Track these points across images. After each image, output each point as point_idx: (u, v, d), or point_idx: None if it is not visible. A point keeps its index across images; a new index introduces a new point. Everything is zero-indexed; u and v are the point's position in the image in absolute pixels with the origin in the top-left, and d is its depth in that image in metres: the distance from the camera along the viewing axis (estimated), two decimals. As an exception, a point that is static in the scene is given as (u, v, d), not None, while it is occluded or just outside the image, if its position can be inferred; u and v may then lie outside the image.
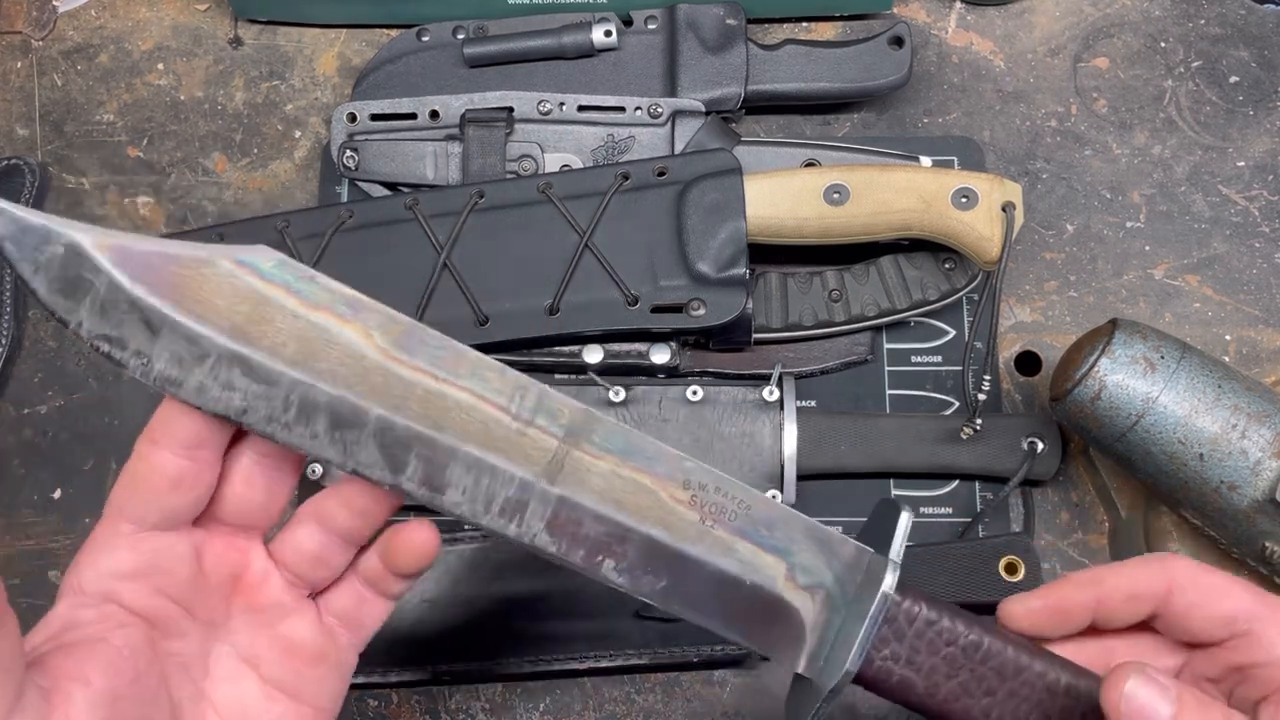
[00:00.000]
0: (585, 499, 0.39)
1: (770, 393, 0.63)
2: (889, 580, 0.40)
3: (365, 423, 0.38)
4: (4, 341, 0.67)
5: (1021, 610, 0.43)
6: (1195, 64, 0.72)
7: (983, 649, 0.40)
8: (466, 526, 0.63)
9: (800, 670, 0.41)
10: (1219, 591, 0.41)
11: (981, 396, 0.60)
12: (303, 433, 0.38)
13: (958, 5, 0.74)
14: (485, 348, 0.64)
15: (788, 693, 0.44)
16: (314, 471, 0.63)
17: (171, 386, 0.38)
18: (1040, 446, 0.62)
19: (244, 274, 0.38)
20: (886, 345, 0.67)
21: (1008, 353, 0.67)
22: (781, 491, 0.62)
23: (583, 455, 0.39)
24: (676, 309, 0.62)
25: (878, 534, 0.43)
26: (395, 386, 0.38)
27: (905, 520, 0.41)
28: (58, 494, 0.65)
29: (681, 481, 0.40)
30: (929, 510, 0.64)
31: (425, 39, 0.71)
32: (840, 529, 0.64)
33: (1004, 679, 0.40)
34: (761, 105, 0.70)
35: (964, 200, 0.61)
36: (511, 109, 0.68)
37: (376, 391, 0.38)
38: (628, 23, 0.70)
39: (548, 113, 0.68)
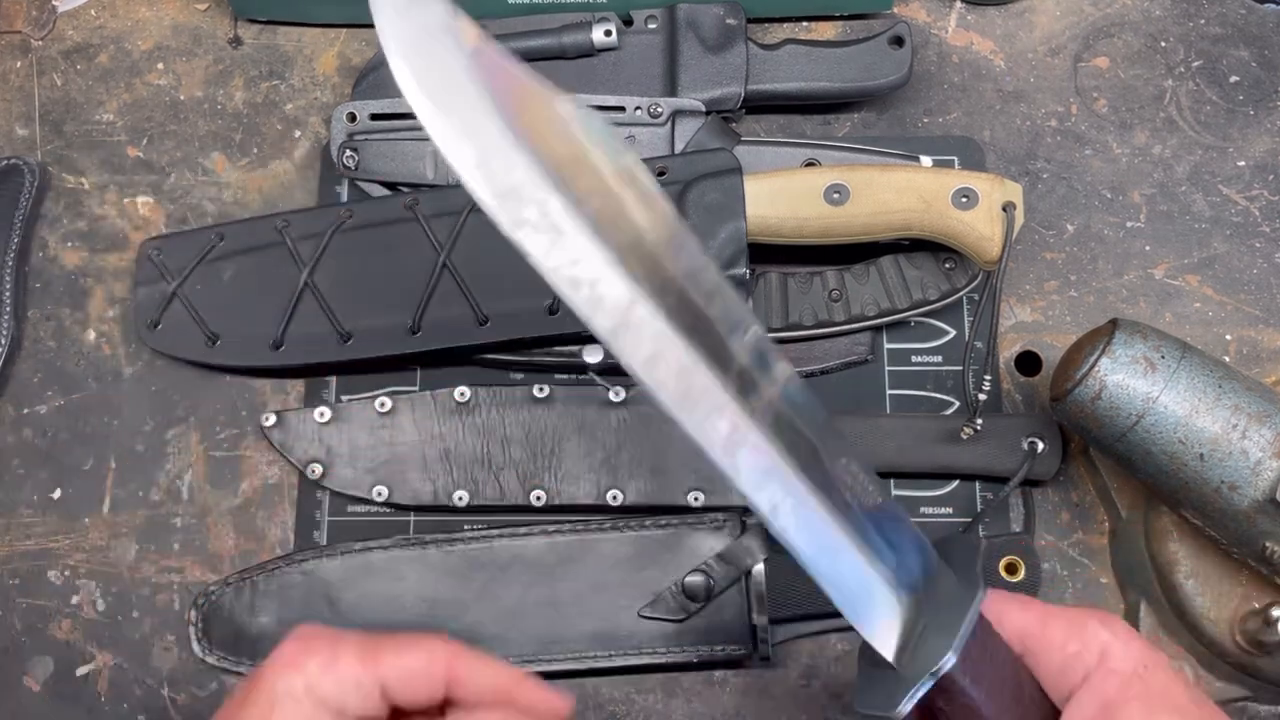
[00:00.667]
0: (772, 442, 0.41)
1: (770, 393, 0.63)
2: (980, 594, 0.43)
3: (632, 297, 0.39)
4: (4, 341, 0.67)
5: None
6: (1195, 64, 0.72)
7: (1028, 691, 0.44)
8: (467, 527, 0.63)
9: (891, 658, 0.43)
10: (1004, 612, 0.45)
11: (982, 396, 0.60)
12: (573, 291, 0.38)
13: (958, 5, 0.74)
14: (485, 347, 0.64)
15: (858, 687, 0.46)
16: (314, 471, 0.63)
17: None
18: (1040, 446, 0.62)
19: (575, 122, 0.39)
20: (886, 345, 0.67)
21: (1008, 353, 0.67)
22: (782, 491, 0.62)
23: (774, 394, 0.42)
24: (676, 309, 0.62)
25: (953, 558, 0.46)
26: (658, 275, 0.39)
27: (983, 546, 0.46)
28: (57, 494, 0.65)
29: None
30: (929, 510, 0.64)
31: (425, 39, 0.70)
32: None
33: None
34: (761, 105, 0.70)
35: (964, 200, 0.60)
36: (511, 109, 0.68)
37: (645, 272, 0.39)
38: (628, 23, 0.70)
39: (548, 112, 0.68)
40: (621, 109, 0.68)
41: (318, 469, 0.63)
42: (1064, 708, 0.43)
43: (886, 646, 0.43)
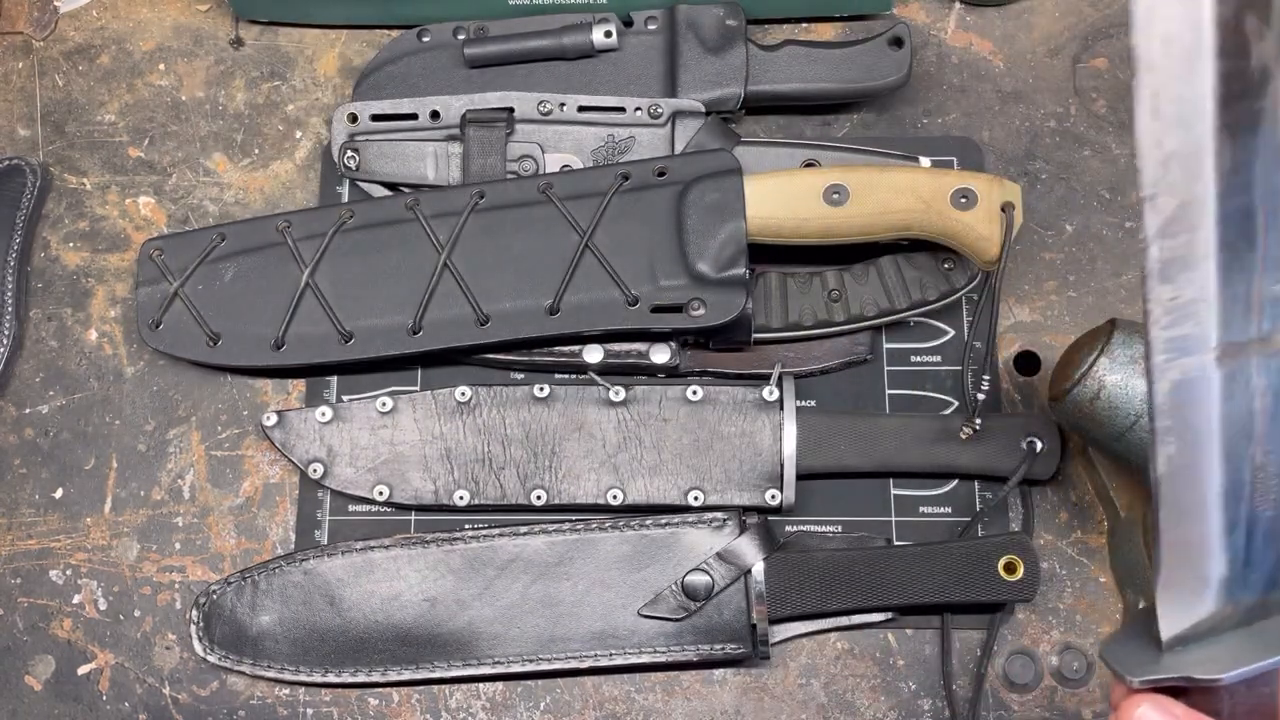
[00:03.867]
0: None
1: (770, 393, 0.63)
2: None
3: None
4: (5, 341, 0.67)
5: None
6: (1194, 64, 0.72)
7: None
8: (467, 526, 0.63)
9: (1164, 638, 0.41)
10: None
11: (981, 396, 0.61)
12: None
13: (957, 6, 0.74)
14: (485, 347, 0.64)
15: (1121, 632, 0.44)
16: (315, 471, 0.63)
17: None
18: (1039, 446, 0.62)
19: None
20: (886, 345, 0.67)
21: (1007, 352, 0.67)
22: (781, 492, 0.62)
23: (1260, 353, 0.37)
24: (676, 309, 0.62)
25: None
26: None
27: None
28: (59, 493, 0.66)
29: None
30: (929, 510, 0.64)
31: (426, 39, 0.71)
32: (839, 529, 0.64)
33: None
34: (761, 105, 0.70)
35: (963, 200, 0.61)
36: (512, 109, 0.68)
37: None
38: (628, 23, 0.70)
39: (548, 113, 0.68)
40: (621, 109, 0.68)
41: (319, 468, 0.64)
42: None
43: (1170, 627, 0.40)
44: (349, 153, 0.68)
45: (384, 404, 0.64)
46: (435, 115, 0.68)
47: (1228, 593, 0.40)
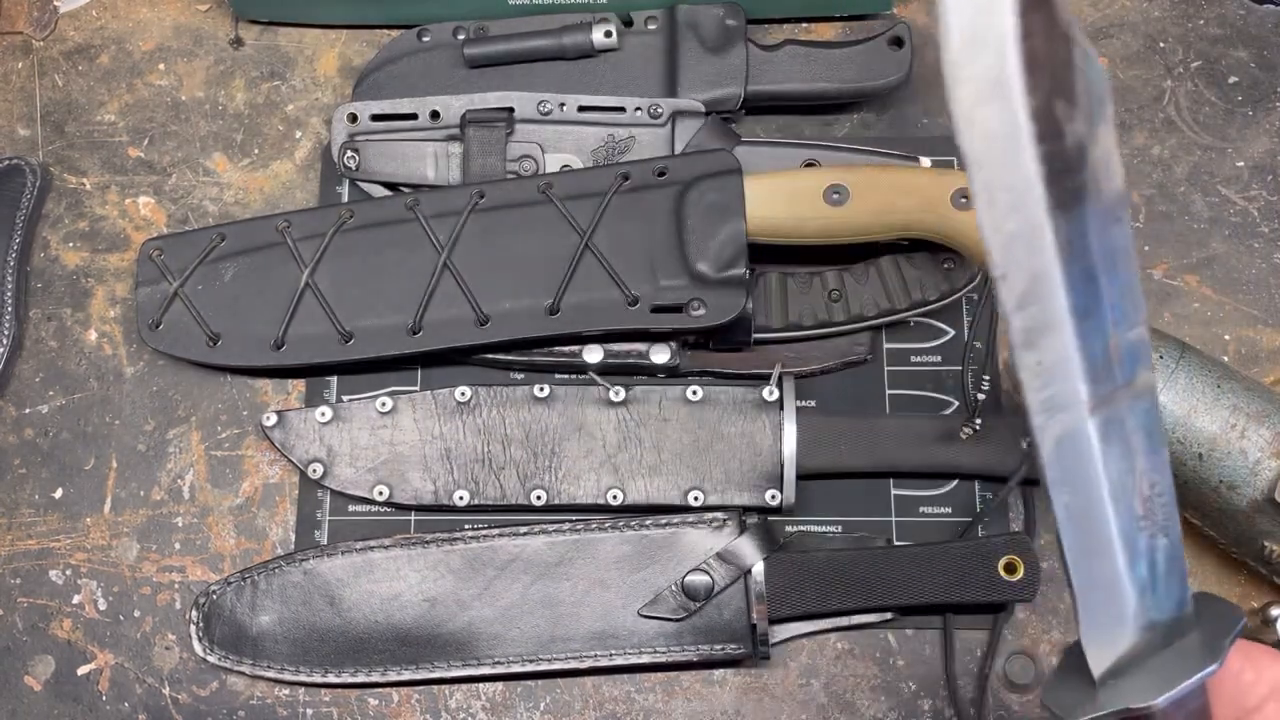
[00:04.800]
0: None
1: (770, 393, 0.63)
2: (1213, 668, 0.41)
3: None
4: (5, 341, 0.67)
5: None
6: (1194, 64, 0.72)
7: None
8: (467, 526, 0.63)
9: (1095, 675, 0.42)
10: None
11: (981, 396, 0.60)
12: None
13: (957, 6, 0.74)
14: (485, 348, 0.64)
15: (1053, 676, 0.46)
16: (315, 471, 0.63)
17: None
18: (1040, 446, 0.62)
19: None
20: (886, 345, 0.67)
21: (1007, 352, 0.67)
22: (781, 492, 0.62)
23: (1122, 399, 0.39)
24: (676, 309, 0.62)
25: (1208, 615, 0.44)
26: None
27: (1240, 624, 0.43)
28: (59, 493, 0.66)
29: None
30: (929, 510, 0.64)
31: (426, 39, 0.71)
32: (839, 529, 0.64)
33: None
34: (761, 105, 0.70)
35: (964, 200, 0.61)
36: (512, 109, 0.68)
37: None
38: (628, 23, 0.70)
39: (548, 113, 0.68)
40: (621, 109, 0.68)
41: (318, 469, 0.64)
42: None
43: (1099, 663, 0.42)
44: (349, 153, 0.68)
45: (384, 404, 0.64)
46: (435, 115, 0.68)
47: (1144, 620, 0.42)
